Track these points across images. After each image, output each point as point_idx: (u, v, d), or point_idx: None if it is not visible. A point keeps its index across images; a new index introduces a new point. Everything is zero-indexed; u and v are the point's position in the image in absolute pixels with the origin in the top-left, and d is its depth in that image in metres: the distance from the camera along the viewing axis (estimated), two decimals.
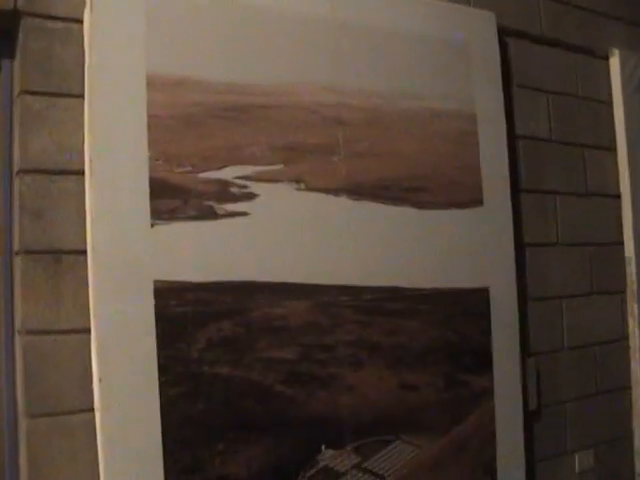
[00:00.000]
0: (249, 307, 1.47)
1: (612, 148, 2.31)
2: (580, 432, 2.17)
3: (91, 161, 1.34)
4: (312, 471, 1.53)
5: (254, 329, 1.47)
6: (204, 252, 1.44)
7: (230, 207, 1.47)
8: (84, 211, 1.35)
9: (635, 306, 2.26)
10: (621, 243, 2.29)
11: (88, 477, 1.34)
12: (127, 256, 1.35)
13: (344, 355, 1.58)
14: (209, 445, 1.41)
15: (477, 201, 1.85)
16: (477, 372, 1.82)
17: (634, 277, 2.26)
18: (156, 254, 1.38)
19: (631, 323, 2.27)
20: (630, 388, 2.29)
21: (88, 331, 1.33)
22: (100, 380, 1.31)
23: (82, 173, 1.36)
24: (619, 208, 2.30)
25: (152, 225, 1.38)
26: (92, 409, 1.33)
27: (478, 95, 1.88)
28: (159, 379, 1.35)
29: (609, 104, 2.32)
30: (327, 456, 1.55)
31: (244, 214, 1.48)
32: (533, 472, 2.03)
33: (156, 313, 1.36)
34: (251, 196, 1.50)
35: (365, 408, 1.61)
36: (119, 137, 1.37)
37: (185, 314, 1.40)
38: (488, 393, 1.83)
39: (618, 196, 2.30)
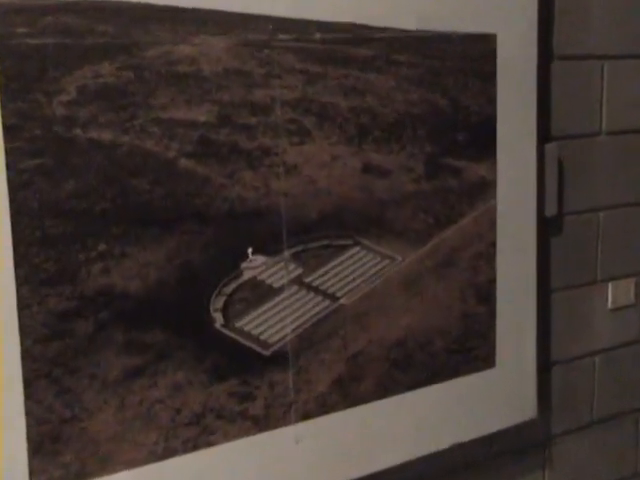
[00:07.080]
0: (141, 42, 1.14)
1: None
2: (617, 254, 1.77)
3: None
4: (233, 285, 1.25)
5: (149, 76, 1.14)
6: None
7: None
8: None
9: None
10: None
11: None
12: None
13: (283, 120, 1.27)
14: (84, 245, 1.11)
15: None
16: (473, 157, 1.48)
17: None
18: None
19: None
20: None
21: None
22: None
23: None
24: None
25: None
26: None
27: None
28: (5, 146, 1.02)
29: None
30: (255, 264, 1.27)
31: None
32: (548, 305, 1.67)
33: None
34: None
35: (311, 199, 1.31)
36: None
37: (43, 49, 1.06)
38: (489, 188, 1.50)
39: None
